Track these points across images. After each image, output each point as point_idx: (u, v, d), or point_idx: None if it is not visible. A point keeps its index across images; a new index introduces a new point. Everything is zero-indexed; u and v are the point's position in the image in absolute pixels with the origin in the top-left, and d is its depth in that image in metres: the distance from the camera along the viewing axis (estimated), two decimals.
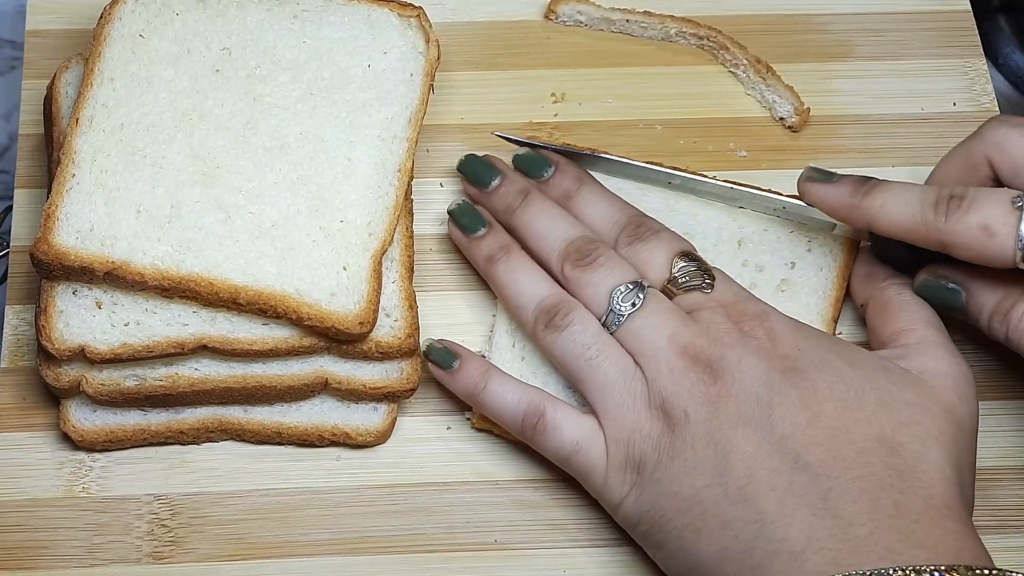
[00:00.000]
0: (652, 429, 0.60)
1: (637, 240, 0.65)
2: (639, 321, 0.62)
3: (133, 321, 0.63)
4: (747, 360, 0.60)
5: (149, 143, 0.65)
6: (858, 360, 0.61)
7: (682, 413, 0.59)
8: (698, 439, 0.59)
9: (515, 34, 0.75)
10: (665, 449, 0.60)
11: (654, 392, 0.60)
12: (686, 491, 0.59)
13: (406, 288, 0.65)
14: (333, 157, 0.66)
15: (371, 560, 0.63)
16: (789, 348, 0.61)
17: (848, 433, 0.58)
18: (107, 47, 0.67)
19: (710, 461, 0.59)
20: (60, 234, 0.63)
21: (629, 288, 0.62)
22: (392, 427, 0.65)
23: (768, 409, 0.59)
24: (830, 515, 0.56)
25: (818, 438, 0.58)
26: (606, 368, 0.61)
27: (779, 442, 0.58)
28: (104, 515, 0.63)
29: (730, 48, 0.74)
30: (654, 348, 0.61)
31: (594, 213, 0.67)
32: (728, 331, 0.61)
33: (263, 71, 0.67)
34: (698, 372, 0.60)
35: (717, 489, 0.58)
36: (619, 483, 0.61)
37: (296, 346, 0.63)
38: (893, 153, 0.73)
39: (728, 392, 0.59)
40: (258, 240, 0.64)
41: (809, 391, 0.59)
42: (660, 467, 0.60)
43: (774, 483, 0.57)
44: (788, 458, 0.58)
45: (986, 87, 0.75)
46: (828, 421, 0.58)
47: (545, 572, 0.63)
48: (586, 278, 0.63)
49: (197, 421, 0.64)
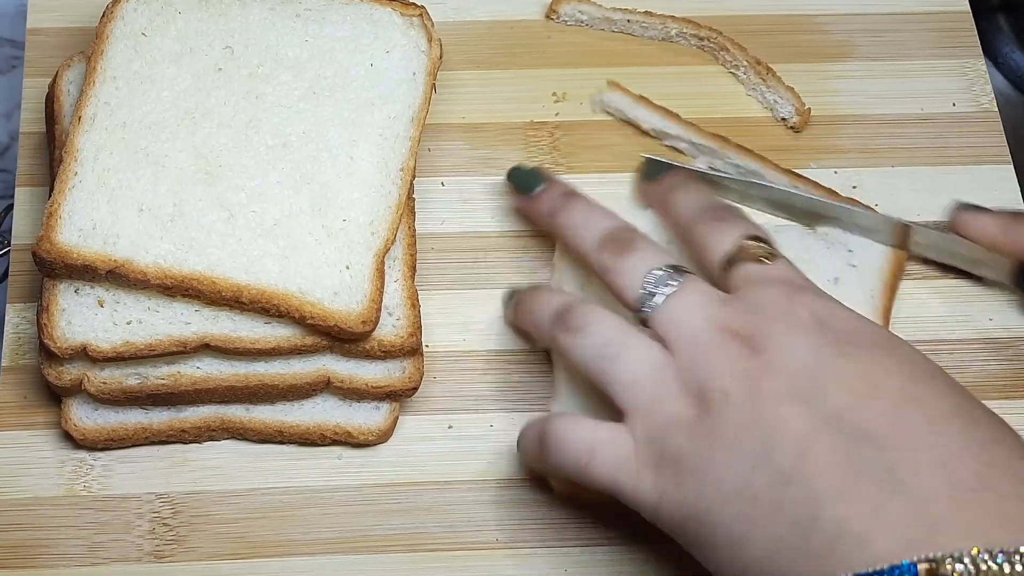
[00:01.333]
0: (687, 418, 0.54)
1: (717, 219, 0.62)
2: (675, 303, 0.57)
3: (135, 319, 0.63)
4: (796, 334, 0.54)
5: (151, 141, 0.65)
6: (921, 354, 0.55)
7: (719, 392, 0.54)
8: (740, 418, 0.53)
9: (516, 33, 0.75)
10: (703, 434, 0.54)
11: (686, 375, 0.55)
12: (730, 476, 0.52)
13: (408, 287, 0.65)
14: (335, 156, 0.66)
15: (373, 559, 0.63)
16: (846, 327, 0.55)
17: (919, 403, 0.52)
18: (109, 45, 0.67)
19: (756, 441, 0.52)
20: (62, 232, 0.62)
21: (665, 271, 0.59)
22: (394, 426, 0.65)
23: (820, 382, 0.52)
24: (900, 489, 0.49)
25: (882, 407, 0.51)
26: (630, 363, 0.57)
27: (834, 415, 0.52)
28: (105, 514, 0.63)
29: (730, 49, 0.75)
30: (690, 330, 0.56)
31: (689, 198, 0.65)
32: (776, 302, 0.56)
33: (265, 70, 0.67)
34: (736, 347, 0.54)
35: (766, 471, 0.52)
36: (653, 481, 0.55)
37: (298, 345, 0.63)
38: (893, 153, 0.73)
39: (771, 364, 0.53)
40: (261, 239, 0.64)
41: (870, 365, 0.53)
42: (700, 457, 0.54)
43: (831, 459, 0.51)
44: (846, 432, 0.51)
45: (985, 87, 0.75)
46: (893, 392, 0.52)
47: (547, 571, 0.63)
48: (622, 263, 0.60)
49: (199, 420, 0.64)
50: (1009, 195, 0.72)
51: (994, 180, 0.73)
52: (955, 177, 0.73)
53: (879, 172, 0.73)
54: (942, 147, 0.74)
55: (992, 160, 0.73)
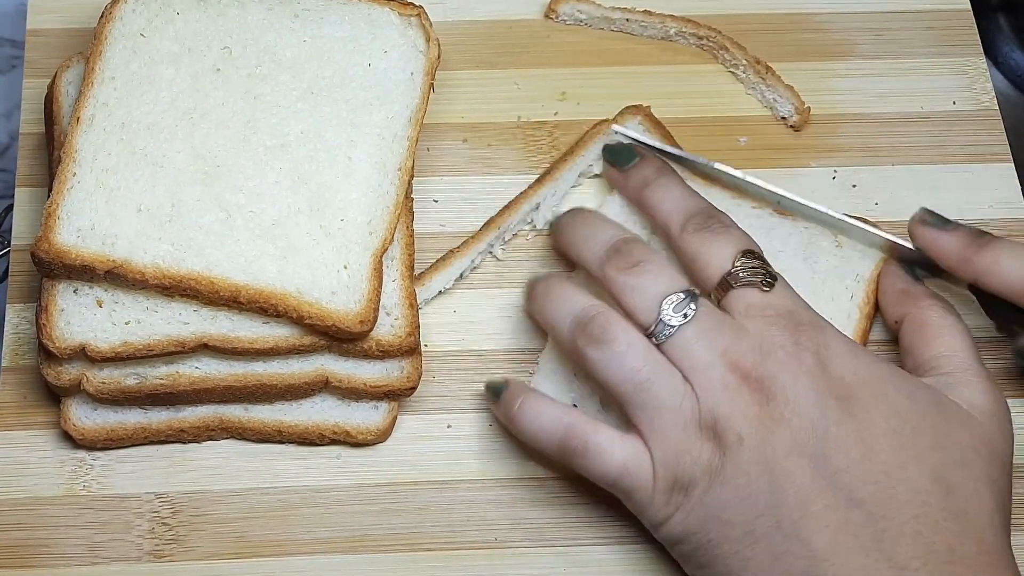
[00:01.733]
0: (703, 451, 0.58)
1: (706, 230, 0.63)
2: (690, 333, 0.60)
3: (134, 319, 0.63)
4: (801, 382, 0.58)
5: (150, 142, 0.65)
6: (913, 393, 0.60)
7: (735, 436, 0.58)
8: (752, 465, 0.58)
9: (515, 33, 0.75)
10: (716, 473, 0.58)
11: (705, 412, 0.59)
12: (738, 519, 0.58)
13: (406, 287, 0.65)
14: (334, 156, 0.66)
15: (372, 558, 0.63)
16: (845, 371, 0.59)
17: (904, 471, 0.57)
18: (108, 46, 0.67)
19: (764, 491, 0.57)
20: (61, 233, 0.63)
21: (680, 298, 0.60)
22: (392, 425, 0.65)
23: (824, 440, 0.57)
24: (884, 557, 0.56)
25: (873, 475, 0.57)
26: (656, 391, 0.59)
27: (833, 476, 0.57)
28: (105, 513, 0.63)
29: (729, 48, 0.75)
30: (706, 363, 0.59)
31: (668, 198, 0.65)
32: (782, 345, 0.59)
33: (264, 70, 0.67)
34: (750, 391, 0.58)
35: (770, 521, 0.57)
36: (664, 503, 0.59)
37: (296, 345, 0.63)
38: (893, 151, 0.73)
39: (782, 416, 0.58)
40: (259, 239, 0.64)
41: (865, 423, 0.58)
42: (711, 491, 0.58)
43: (828, 519, 0.56)
44: (842, 494, 0.57)
45: (986, 86, 0.75)
46: (883, 457, 0.57)
47: (546, 570, 0.63)
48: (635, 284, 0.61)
49: (198, 419, 0.64)
50: (1009, 193, 0.72)
51: (994, 178, 0.73)
52: (955, 175, 0.73)
53: (879, 171, 0.73)
54: (942, 145, 0.73)
55: (992, 158, 0.73)
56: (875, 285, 0.68)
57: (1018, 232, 0.71)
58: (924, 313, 0.64)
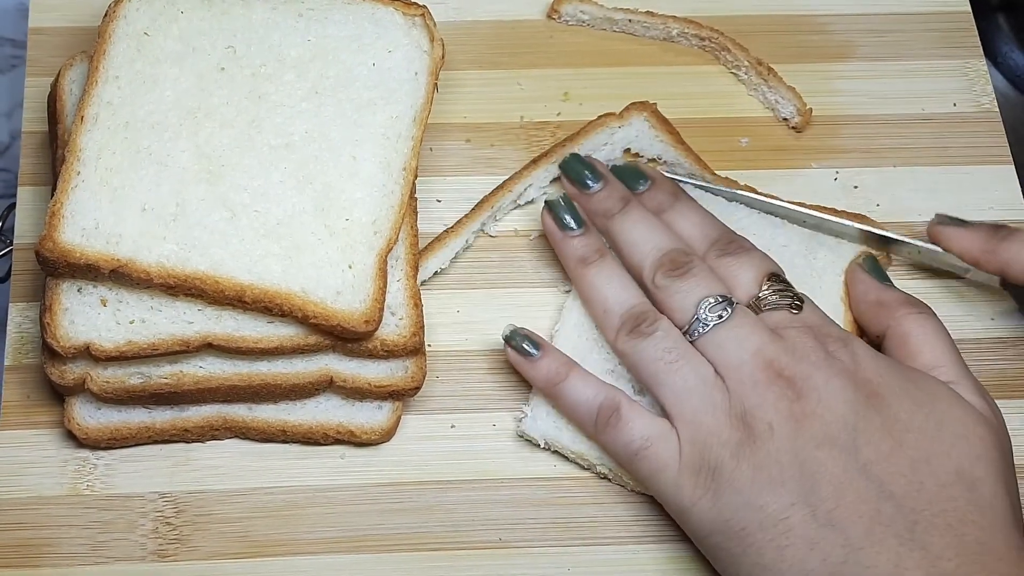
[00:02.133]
0: (732, 436, 0.60)
1: (728, 255, 0.65)
2: (724, 332, 0.62)
3: (138, 319, 0.63)
4: (833, 382, 0.60)
5: (154, 141, 0.65)
6: (934, 390, 0.61)
7: (766, 425, 0.59)
8: (783, 454, 0.59)
9: (518, 33, 0.75)
10: (747, 458, 0.59)
11: (735, 403, 0.60)
12: (772, 506, 0.58)
13: (411, 286, 0.65)
14: (338, 156, 0.66)
15: (375, 558, 0.63)
16: (872, 373, 0.61)
17: (929, 464, 0.59)
18: (112, 45, 0.67)
19: (796, 479, 0.58)
20: (65, 232, 0.63)
21: (718, 301, 0.62)
22: (397, 425, 0.65)
23: (853, 432, 0.59)
24: (918, 546, 0.57)
25: (901, 468, 0.58)
26: (686, 373, 0.61)
27: (864, 467, 0.58)
28: (109, 513, 0.63)
29: (731, 49, 0.75)
30: (739, 360, 0.61)
31: (687, 226, 0.66)
32: (814, 349, 0.61)
33: (268, 69, 0.67)
34: (782, 387, 0.60)
35: (805, 509, 0.58)
36: (691, 486, 0.60)
37: (301, 344, 0.63)
38: (894, 153, 0.73)
39: (813, 411, 0.59)
40: (263, 238, 0.64)
41: (891, 419, 0.59)
42: (741, 477, 0.59)
43: (861, 510, 0.58)
44: (873, 485, 0.58)
45: (986, 88, 0.75)
46: (910, 451, 0.59)
47: (550, 570, 0.63)
48: (676, 286, 0.63)
49: (202, 419, 0.64)
50: (1010, 195, 0.72)
51: (995, 180, 0.73)
52: (956, 177, 0.73)
53: (880, 172, 0.73)
54: (943, 147, 0.74)
55: (993, 160, 0.73)
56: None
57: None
58: (903, 325, 0.64)
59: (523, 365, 0.64)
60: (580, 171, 0.68)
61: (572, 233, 0.66)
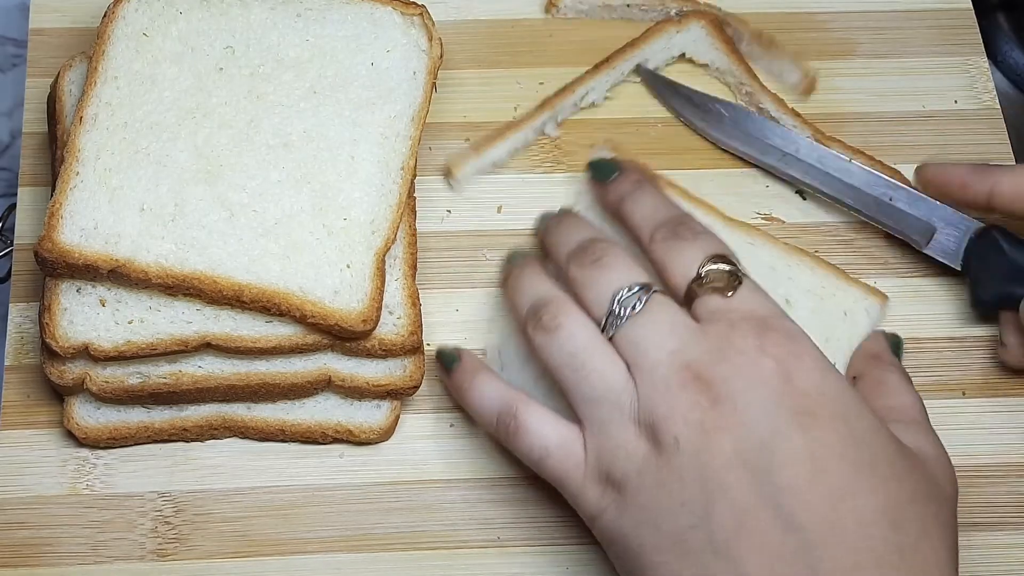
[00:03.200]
0: (638, 448, 0.56)
1: (674, 237, 0.61)
2: (639, 328, 0.58)
3: (137, 319, 0.63)
4: (756, 390, 0.55)
5: (153, 141, 0.65)
6: (875, 425, 0.56)
7: (672, 439, 0.55)
8: (687, 471, 0.55)
9: (517, 32, 0.75)
10: (651, 473, 0.55)
11: (644, 409, 0.56)
12: (668, 526, 0.55)
13: (409, 286, 0.66)
14: (336, 155, 0.66)
15: (374, 557, 0.63)
16: (809, 386, 0.55)
17: (853, 499, 0.53)
18: (111, 45, 0.67)
19: (698, 500, 0.54)
20: (64, 232, 0.63)
21: (632, 290, 0.59)
22: (395, 424, 0.65)
23: (769, 454, 0.54)
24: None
25: (818, 499, 0.53)
26: (593, 380, 0.58)
27: (775, 495, 0.53)
28: (108, 512, 0.63)
29: (731, 24, 0.75)
30: (653, 360, 0.57)
31: (639, 210, 0.63)
32: (742, 350, 0.56)
33: (266, 69, 0.67)
34: (696, 392, 0.55)
35: (701, 534, 0.54)
36: (596, 496, 0.58)
37: (299, 344, 0.63)
38: (895, 150, 0.73)
39: (726, 423, 0.55)
40: (262, 238, 0.64)
41: (817, 442, 0.54)
42: (644, 492, 0.56)
43: (762, 543, 0.53)
44: (781, 516, 0.53)
45: (987, 85, 0.75)
46: (832, 480, 0.54)
47: (549, 569, 0.63)
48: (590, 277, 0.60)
49: (201, 418, 0.64)
50: None
51: None
52: None
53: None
54: (944, 145, 0.74)
55: (994, 157, 0.73)
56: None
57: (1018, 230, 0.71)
58: (886, 374, 0.63)
59: (446, 379, 0.64)
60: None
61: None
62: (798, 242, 0.70)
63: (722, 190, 0.71)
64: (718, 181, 0.72)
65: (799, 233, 0.70)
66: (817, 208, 0.71)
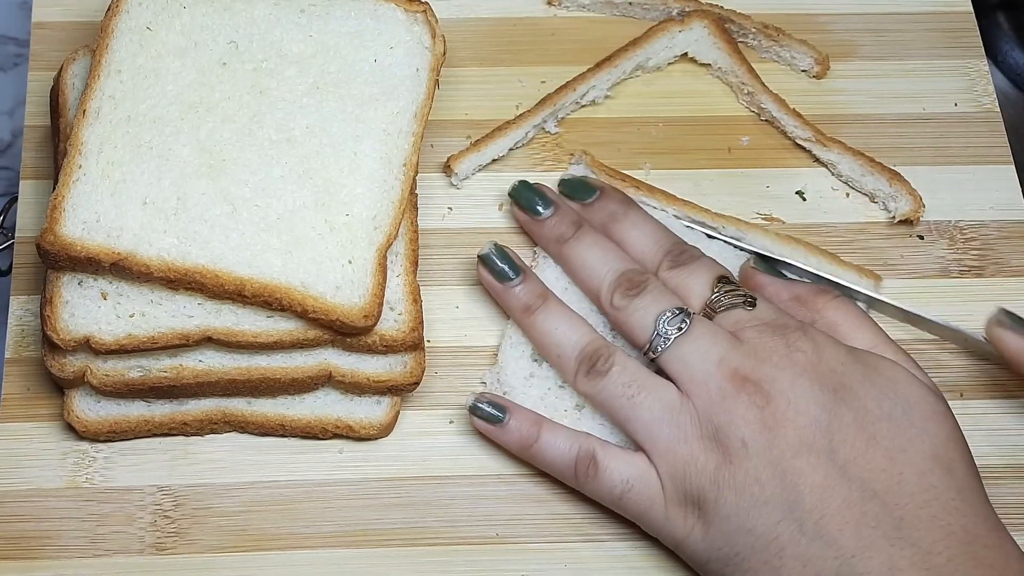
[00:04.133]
0: (708, 461, 0.59)
1: (680, 265, 0.65)
2: (686, 346, 0.61)
3: (138, 312, 0.63)
4: (799, 381, 0.59)
5: (156, 135, 0.65)
6: (891, 372, 0.61)
7: (739, 442, 0.59)
8: (762, 470, 0.58)
9: (520, 30, 0.76)
10: (728, 483, 0.59)
11: (705, 421, 0.60)
12: (760, 527, 0.58)
13: (410, 282, 0.66)
14: (339, 151, 0.66)
15: (373, 553, 0.63)
16: (835, 363, 0.60)
17: (905, 453, 0.58)
18: (114, 39, 0.67)
19: (779, 494, 0.58)
20: (66, 225, 0.63)
21: (675, 313, 0.62)
22: (395, 420, 0.65)
23: (827, 433, 0.58)
24: (907, 544, 0.57)
25: (880, 462, 0.58)
26: (650, 403, 0.61)
27: (843, 468, 0.58)
28: (107, 506, 0.63)
29: (735, 20, 0.75)
30: (704, 374, 0.60)
31: (639, 235, 0.66)
32: (775, 348, 0.60)
33: (270, 65, 0.67)
34: (749, 394, 0.59)
35: (792, 524, 0.58)
36: (680, 520, 0.60)
37: (300, 339, 0.63)
38: (894, 152, 0.73)
39: (784, 415, 0.59)
40: (264, 233, 0.64)
41: (861, 411, 0.59)
42: (726, 502, 0.59)
43: (847, 515, 0.57)
44: (855, 486, 0.58)
45: (987, 88, 0.75)
46: (885, 442, 0.58)
47: (547, 565, 0.63)
48: (634, 305, 0.63)
49: (201, 413, 0.64)
50: (1010, 195, 0.73)
51: (995, 180, 0.73)
52: (956, 176, 0.73)
53: None
54: (944, 147, 0.74)
55: (994, 160, 0.73)
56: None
57: (1018, 233, 0.71)
58: (827, 314, 0.64)
59: (493, 432, 0.64)
60: (530, 198, 0.68)
61: (511, 283, 0.65)
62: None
63: (722, 190, 0.72)
64: (718, 181, 0.72)
65: (799, 233, 0.71)
66: (817, 208, 0.72)
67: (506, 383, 0.65)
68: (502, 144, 0.71)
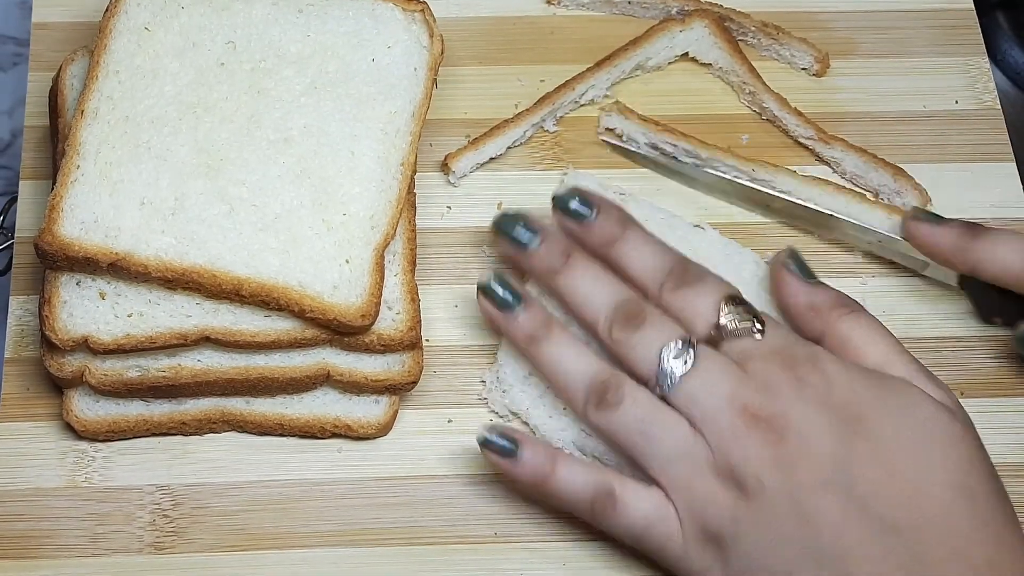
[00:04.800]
0: (726, 498, 0.58)
1: (684, 286, 0.62)
2: (693, 381, 0.59)
3: (136, 312, 0.63)
4: (812, 416, 0.58)
5: (154, 135, 0.65)
6: (906, 394, 0.59)
7: (755, 480, 0.57)
8: (780, 508, 0.57)
9: (518, 29, 0.76)
10: (746, 520, 0.57)
11: (720, 459, 0.58)
12: (779, 565, 0.57)
13: (408, 281, 0.66)
14: (337, 151, 0.66)
15: (371, 552, 0.63)
16: (847, 392, 0.58)
17: (925, 484, 0.57)
18: (113, 40, 0.67)
19: (797, 532, 0.57)
20: (64, 225, 0.63)
21: (679, 346, 0.60)
22: (393, 419, 0.65)
23: (844, 468, 0.57)
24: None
25: (900, 496, 0.56)
26: (663, 439, 0.59)
27: (862, 504, 0.56)
28: (106, 505, 0.63)
29: (734, 18, 0.75)
30: (714, 411, 0.58)
31: (638, 258, 0.63)
32: (786, 382, 0.58)
33: (268, 65, 0.67)
34: (762, 432, 0.58)
35: (811, 563, 0.56)
36: (699, 557, 0.59)
37: (298, 338, 0.63)
38: (895, 150, 0.73)
39: (798, 451, 0.57)
40: (261, 232, 0.64)
41: (877, 442, 0.57)
42: (746, 540, 0.57)
43: (868, 552, 0.56)
44: (875, 522, 0.56)
45: (988, 85, 0.75)
46: (903, 474, 0.57)
47: (545, 565, 0.63)
48: (635, 339, 0.61)
49: (199, 412, 0.64)
50: (1011, 192, 0.72)
51: (996, 177, 0.73)
52: (957, 174, 0.73)
53: None
54: (944, 144, 0.74)
55: (994, 157, 0.73)
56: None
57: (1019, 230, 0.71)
58: (840, 328, 0.62)
59: (504, 466, 0.61)
60: (515, 229, 0.63)
61: (513, 313, 0.63)
62: None
63: None
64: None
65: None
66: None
67: (505, 382, 0.65)
68: (500, 142, 0.71)
